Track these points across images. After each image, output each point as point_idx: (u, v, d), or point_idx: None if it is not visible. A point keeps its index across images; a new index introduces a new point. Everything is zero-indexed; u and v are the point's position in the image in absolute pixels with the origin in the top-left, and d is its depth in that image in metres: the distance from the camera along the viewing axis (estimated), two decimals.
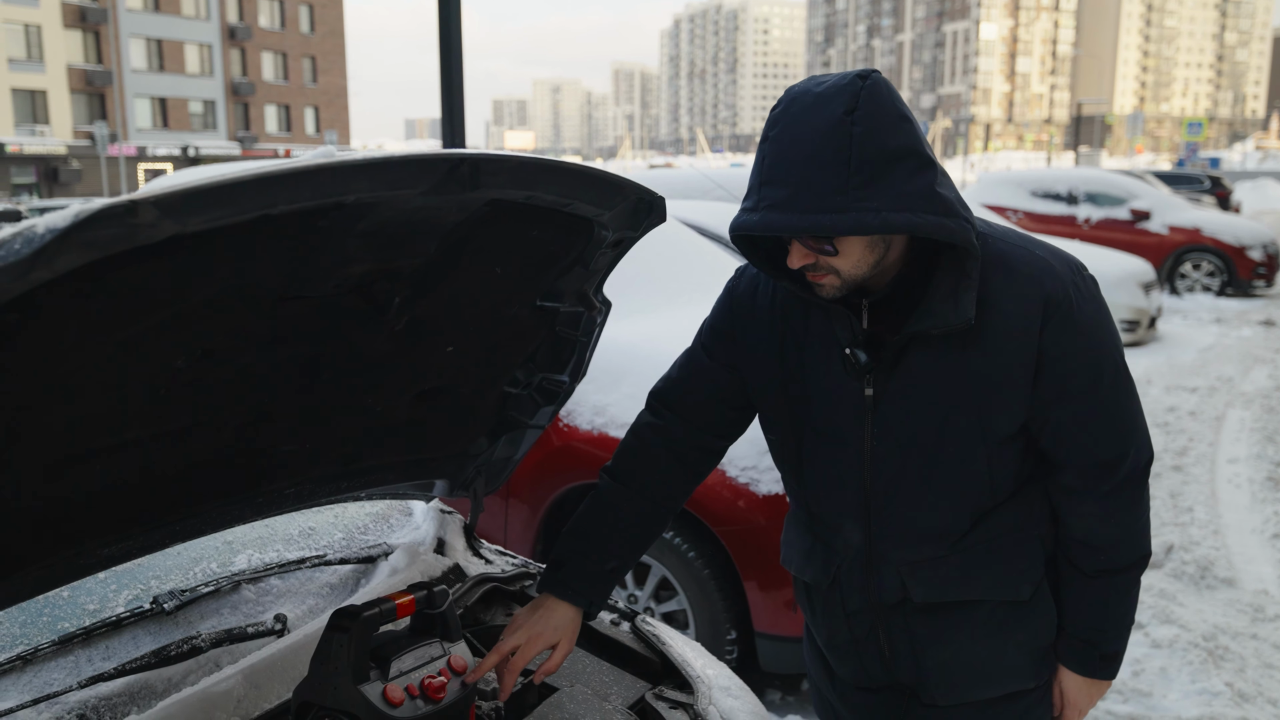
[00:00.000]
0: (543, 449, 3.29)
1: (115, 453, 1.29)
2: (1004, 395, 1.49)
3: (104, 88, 47.72)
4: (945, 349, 1.48)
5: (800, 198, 1.33)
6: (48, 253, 0.82)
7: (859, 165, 1.32)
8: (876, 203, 1.32)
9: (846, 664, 1.76)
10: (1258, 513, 5.25)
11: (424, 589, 1.51)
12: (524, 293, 1.64)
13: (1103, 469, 1.55)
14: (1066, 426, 1.52)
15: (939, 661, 1.65)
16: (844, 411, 1.56)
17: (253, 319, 1.24)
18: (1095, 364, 1.51)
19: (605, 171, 1.44)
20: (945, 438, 1.52)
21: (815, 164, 1.33)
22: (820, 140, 1.33)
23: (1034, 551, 1.62)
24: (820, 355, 1.57)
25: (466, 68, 6.13)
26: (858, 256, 1.43)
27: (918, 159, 1.36)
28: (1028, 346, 1.47)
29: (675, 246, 4.43)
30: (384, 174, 1.08)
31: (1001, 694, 1.67)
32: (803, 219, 1.34)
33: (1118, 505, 1.57)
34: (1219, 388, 8.03)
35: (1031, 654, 1.66)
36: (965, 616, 1.62)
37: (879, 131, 1.34)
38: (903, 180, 1.34)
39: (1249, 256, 13.05)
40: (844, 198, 1.32)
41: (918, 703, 1.72)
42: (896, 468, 1.55)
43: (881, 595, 1.63)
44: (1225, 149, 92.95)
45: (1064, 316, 1.47)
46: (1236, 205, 22.03)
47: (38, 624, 1.60)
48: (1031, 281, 1.47)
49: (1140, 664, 3.50)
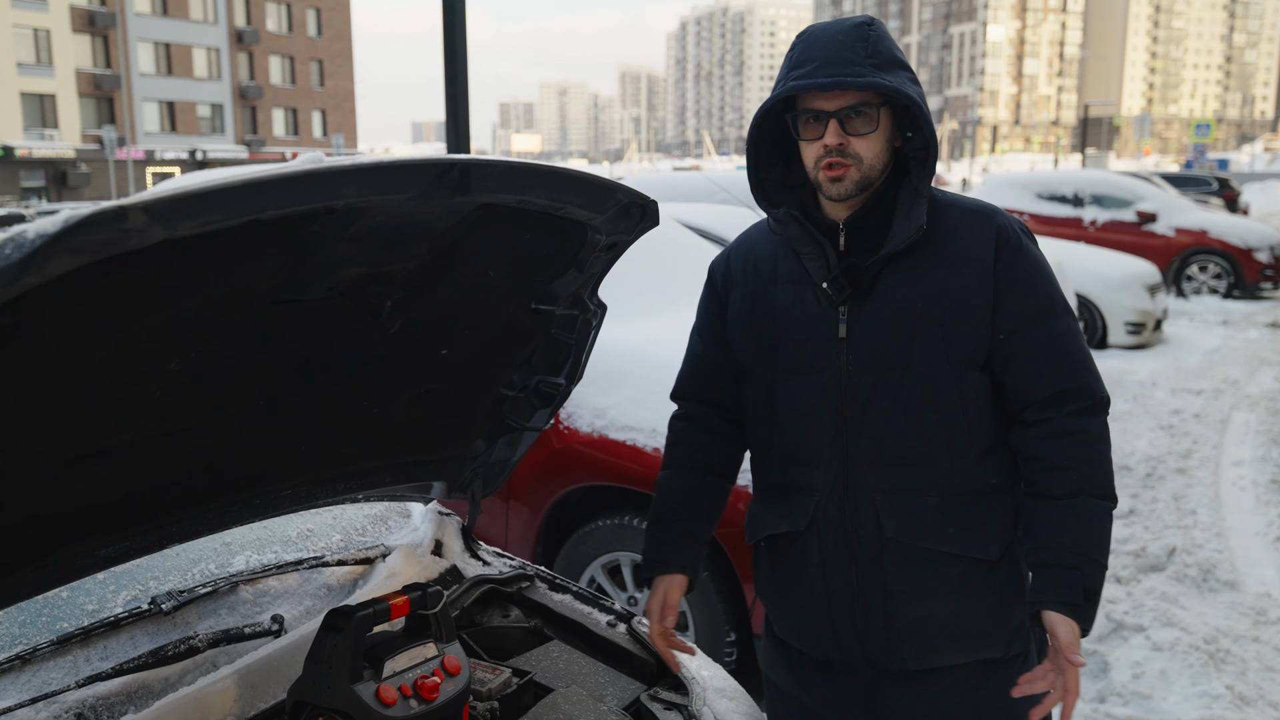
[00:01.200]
0: (543, 451, 3.30)
1: (111, 455, 1.30)
2: (964, 314, 1.64)
3: (112, 92, 47.91)
4: (911, 273, 1.66)
5: (827, 67, 1.60)
6: (38, 258, 0.83)
7: (873, 54, 1.61)
8: (891, 80, 1.59)
9: (813, 629, 1.78)
10: (1261, 515, 5.23)
11: (418, 590, 1.52)
12: (518, 296, 1.66)
13: (1062, 396, 1.66)
14: (1026, 355, 1.66)
15: (910, 620, 1.70)
16: (817, 343, 1.71)
17: (246, 322, 1.25)
18: (1047, 298, 1.67)
19: (596, 176, 1.45)
20: (913, 356, 1.66)
21: (840, 47, 1.61)
22: (843, 37, 1.62)
23: (1006, 516, 1.71)
24: (792, 296, 1.74)
25: (473, 70, 6.15)
26: (879, 146, 1.64)
27: (914, 78, 1.65)
28: (984, 271, 1.65)
29: (676, 249, 4.44)
30: (373, 179, 1.09)
31: (970, 660, 1.72)
32: (832, 79, 1.58)
33: (1081, 428, 1.66)
34: (1224, 390, 8.00)
35: (999, 620, 1.71)
36: (937, 571, 1.69)
37: (888, 44, 1.63)
38: (904, 81, 1.62)
39: (1256, 259, 13.00)
40: (863, 68, 1.59)
41: (883, 675, 1.74)
42: (869, 389, 1.68)
43: (859, 530, 1.70)
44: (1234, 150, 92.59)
45: (1015, 248, 1.67)
46: (1244, 207, 21.95)
47: (36, 624, 1.62)
48: (983, 215, 1.69)
49: (1141, 666, 3.50)
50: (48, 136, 45.23)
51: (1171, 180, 20.58)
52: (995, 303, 1.64)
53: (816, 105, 1.62)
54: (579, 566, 3.31)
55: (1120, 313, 9.62)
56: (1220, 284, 13.12)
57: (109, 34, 47.49)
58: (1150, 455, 6.17)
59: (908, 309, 1.65)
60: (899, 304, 1.66)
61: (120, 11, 47.35)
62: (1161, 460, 6.08)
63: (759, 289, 1.78)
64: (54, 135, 45.45)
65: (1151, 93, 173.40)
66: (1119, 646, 3.69)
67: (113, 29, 47.32)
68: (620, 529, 3.20)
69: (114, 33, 47.44)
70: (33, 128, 44.96)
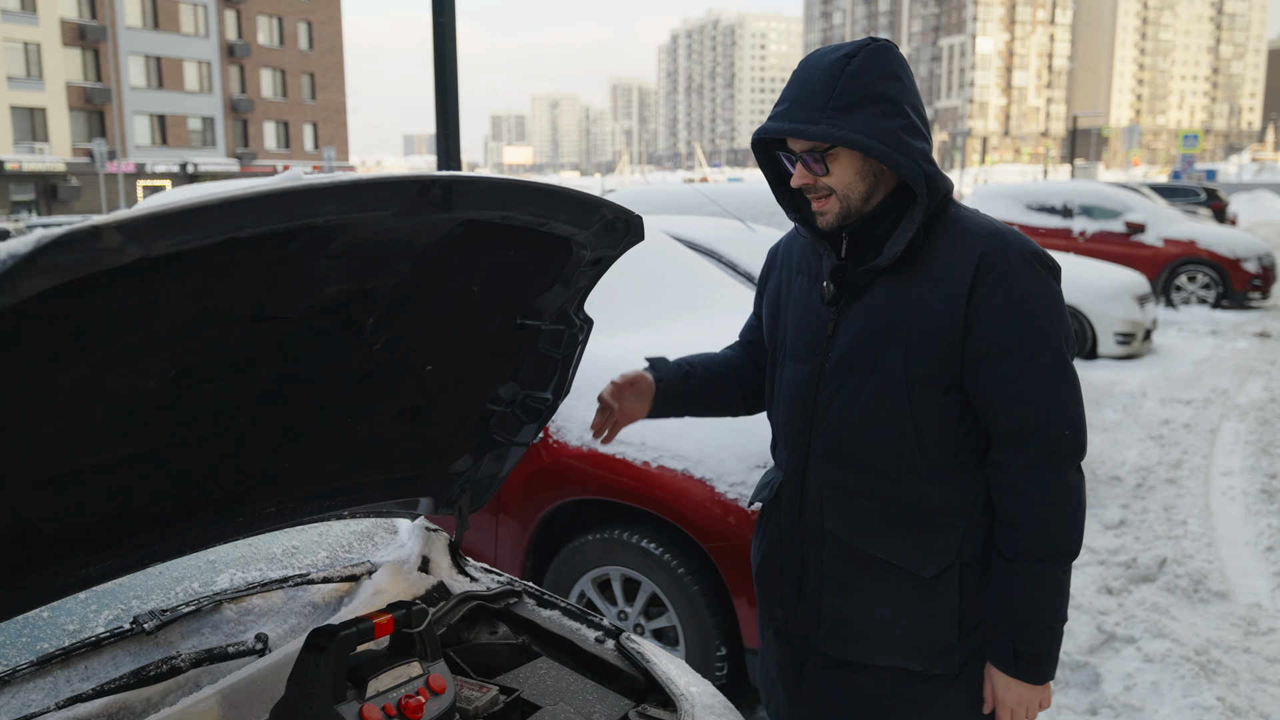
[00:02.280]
0: (532, 465, 3.28)
1: (92, 474, 1.29)
2: (927, 335, 1.67)
3: (103, 105, 47.86)
4: (896, 287, 1.71)
5: (791, 110, 1.66)
6: (10, 278, 0.83)
7: (840, 93, 1.63)
8: (846, 125, 1.61)
9: (769, 595, 1.94)
10: (1252, 525, 5.24)
11: (403, 608, 1.51)
12: (503, 311, 1.65)
13: (1019, 437, 1.66)
14: (991, 387, 1.66)
15: (836, 610, 1.80)
16: (811, 336, 1.81)
17: (226, 340, 1.24)
18: (1020, 334, 1.64)
19: (580, 191, 1.45)
20: (875, 366, 1.72)
21: (809, 88, 1.65)
22: (819, 73, 1.65)
23: (950, 538, 1.73)
24: (803, 288, 1.85)
25: (465, 83, 6.18)
26: (849, 179, 1.69)
27: (892, 108, 1.64)
28: (955, 296, 1.65)
29: (665, 262, 4.44)
30: (353, 196, 1.08)
31: (888, 664, 1.79)
32: (787, 125, 1.65)
33: (1031, 483, 1.65)
34: (1214, 400, 8.02)
35: (923, 635, 1.75)
36: (869, 574, 1.76)
37: (867, 76, 1.63)
38: (873, 116, 1.62)
39: (1244, 269, 13.07)
40: (821, 113, 1.63)
41: (814, 654, 1.86)
42: (835, 388, 1.76)
43: (806, 517, 1.81)
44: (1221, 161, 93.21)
45: (997, 278, 1.64)
46: (1232, 217, 22.08)
47: (16, 644, 1.60)
48: (973, 241, 1.68)
49: (1132, 678, 3.49)
50: (38, 150, 45.14)
51: (1160, 191, 20.71)
52: (966, 330, 1.65)
53: (789, 145, 1.72)
54: (569, 581, 3.29)
55: (1109, 323, 9.65)
56: (1209, 294, 13.18)
57: (99, 47, 47.47)
58: (1140, 465, 6.18)
59: (881, 320, 1.71)
60: (876, 314, 1.72)
61: (111, 25, 47.35)
62: (1152, 470, 6.09)
63: (786, 277, 1.92)
64: (44, 149, 45.36)
65: (1139, 104, 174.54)
66: (1110, 658, 3.68)
67: (103, 42, 47.30)
68: (610, 543, 3.19)
69: (105, 46, 47.42)
70: (23, 141, 44.88)
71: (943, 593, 1.74)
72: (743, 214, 6.33)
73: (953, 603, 1.74)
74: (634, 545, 3.12)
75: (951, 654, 1.77)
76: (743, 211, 6.43)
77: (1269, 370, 9.30)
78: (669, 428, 3.13)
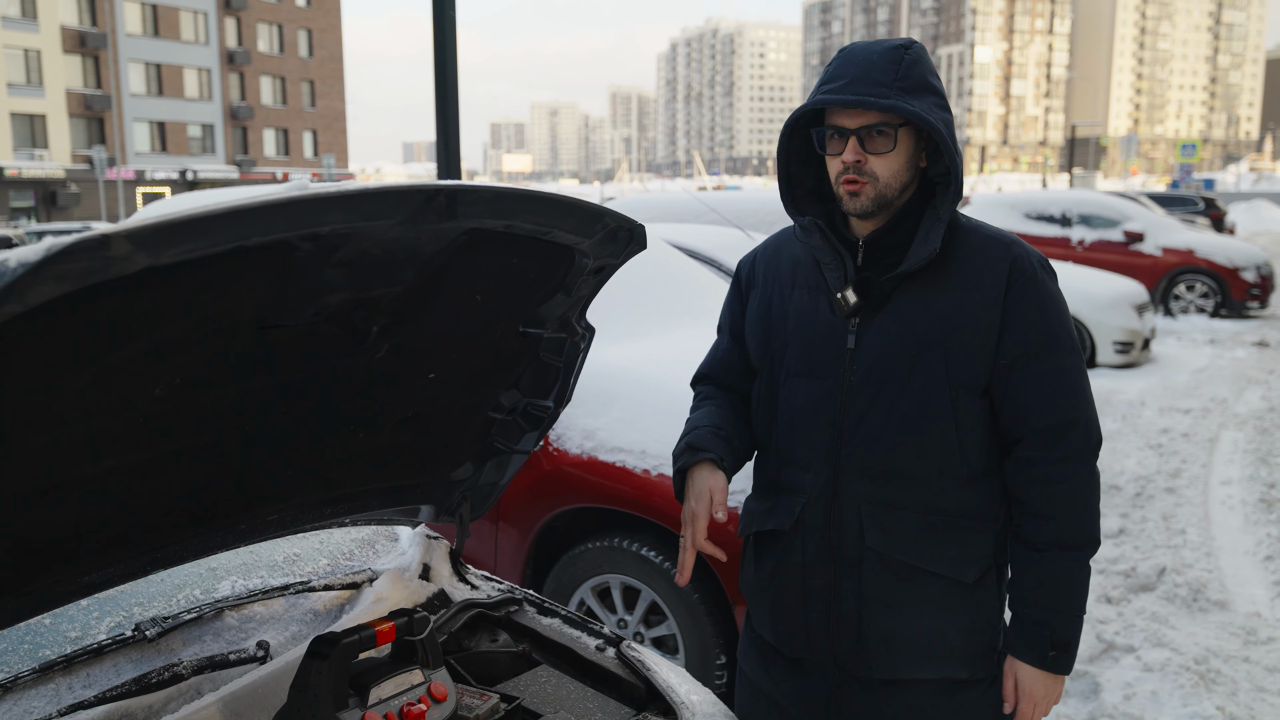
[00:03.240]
0: (532, 473, 3.29)
1: (96, 481, 1.29)
2: (968, 340, 1.67)
3: (103, 112, 47.92)
4: (924, 293, 1.69)
5: (855, 85, 1.63)
6: (19, 286, 0.83)
7: (904, 77, 1.63)
8: (916, 104, 1.62)
9: (788, 626, 1.83)
10: (1251, 535, 5.24)
11: (405, 616, 1.52)
12: (506, 320, 1.66)
13: (1053, 433, 1.69)
14: (1022, 387, 1.68)
15: (881, 629, 1.74)
16: (824, 350, 1.75)
17: (231, 348, 1.25)
18: (1053, 334, 1.69)
19: (583, 200, 1.45)
20: (913, 373, 1.69)
21: (871, 67, 1.64)
22: (877, 57, 1.65)
23: (988, 541, 1.74)
24: (806, 303, 1.79)
25: (464, 90, 6.18)
26: (898, 167, 1.68)
27: (944, 102, 1.68)
28: (993, 301, 1.67)
29: (665, 270, 4.44)
30: (359, 205, 1.09)
31: (935, 677, 1.76)
32: (856, 97, 1.62)
33: (1067, 474, 1.69)
34: (1213, 409, 8.03)
35: (970, 641, 1.75)
36: (912, 586, 1.73)
37: (922, 67, 1.66)
38: (932, 108, 1.65)
39: (1242, 278, 13.08)
40: (890, 91, 1.62)
41: (849, 679, 1.79)
42: (867, 401, 1.71)
43: (842, 536, 1.74)
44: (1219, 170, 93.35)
45: (1028, 282, 1.68)
46: (1231, 227, 22.11)
47: (18, 651, 1.60)
48: (1001, 245, 1.71)
49: (1131, 687, 3.49)
50: (37, 157, 45.18)
51: (1158, 200, 20.75)
52: (1000, 332, 1.68)
53: (840, 121, 1.68)
54: (568, 589, 3.29)
55: (1108, 332, 9.66)
56: (1207, 303, 13.20)
57: (100, 54, 47.56)
58: (1139, 474, 6.18)
59: (914, 328, 1.69)
60: (907, 322, 1.70)
61: (111, 32, 47.45)
62: (1150, 479, 6.09)
63: (776, 292, 1.85)
64: (44, 155, 45.41)
65: (1138, 113, 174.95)
66: (1110, 667, 3.68)
67: (104, 49, 47.39)
68: (610, 551, 3.19)
69: (105, 53, 47.51)
70: (22, 148, 44.93)
71: (984, 597, 1.75)
72: (741, 222, 6.35)
73: (993, 606, 1.76)
74: (634, 553, 3.12)
75: (991, 657, 1.78)
76: (741, 219, 6.44)
77: (1268, 379, 9.31)
78: (668, 436, 3.13)
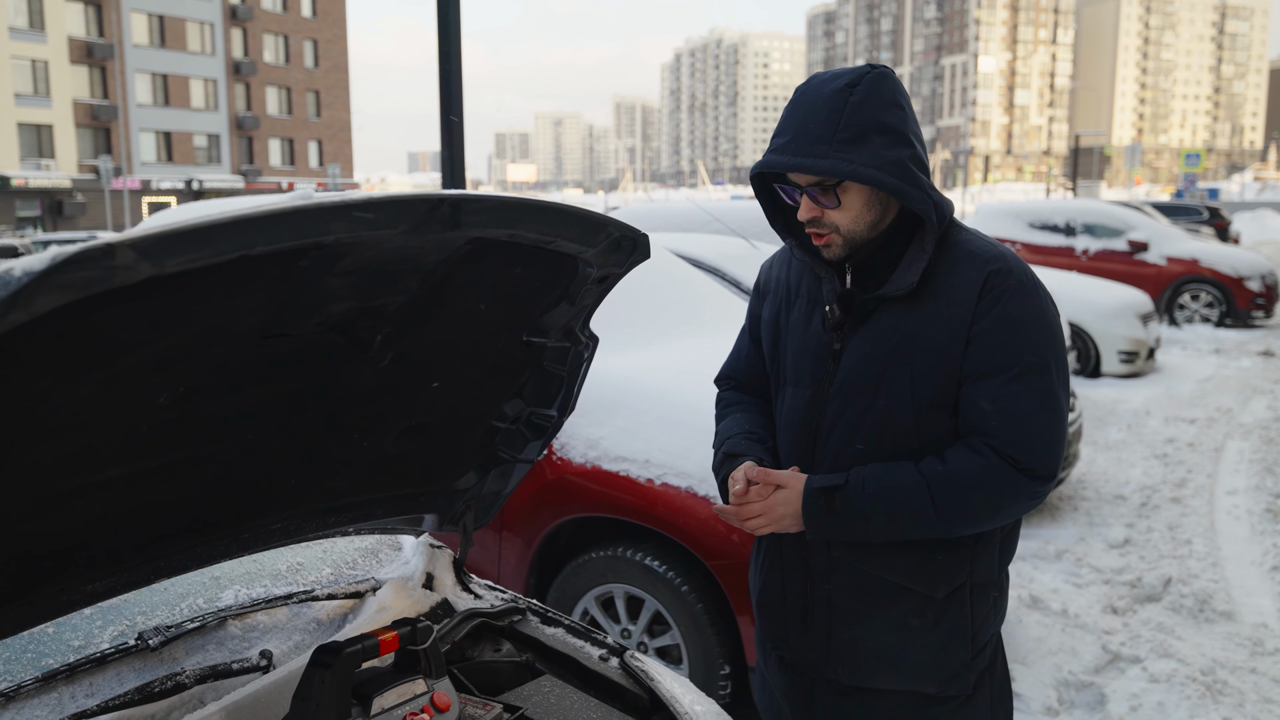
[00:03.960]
0: (536, 482, 3.28)
1: (99, 490, 1.29)
2: (934, 357, 1.67)
3: (109, 122, 48.12)
4: (902, 312, 1.70)
5: (795, 143, 1.63)
6: (24, 295, 0.83)
7: (846, 126, 1.60)
8: (855, 159, 1.59)
9: (773, 626, 1.89)
10: (1257, 545, 5.22)
11: (408, 625, 1.51)
12: (510, 329, 1.66)
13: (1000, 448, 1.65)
14: (972, 403, 1.66)
15: (847, 638, 1.77)
16: (811, 361, 1.79)
17: (235, 357, 1.25)
18: (1016, 353, 1.64)
19: (586, 210, 1.46)
20: (880, 388, 1.70)
21: (813, 120, 1.62)
22: (821, 104, 1.62)
23: (960, 557, 1.73)
24: (803, 313, 1.82)
25: (470, 101, 6.20)
26: (855, 213, 1.67)
27: (898, 138, 1.62)
28: (963, 316, 1.65)
29: (669, 279, 4.45)
30: (363, 215, 1.09)
31: (902, 689, 1.77)
32: (793, 159, 1.62)
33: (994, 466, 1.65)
34: (1218, 419, 8.01)
35: (940, 657, 1.75)
36: (880, 598, 1.74)
37: (870, 107, 1.61)
38: (881, 148, 1.60)
39: (1247, 287, 13.07)
40: (828, 147, 1.60)
41: (823, 682, 1.83)
42: (837, 411, 1.75)
43: (812, 545, 1.78)
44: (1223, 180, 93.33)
45: (998, 296, 1.65)
46: (1235, 236, 22.10)
47: (21, 660, 1.60)
48: (980, 262, 1.68)
49: (1138, 699, 3.48)
50: (44, 166, 45.35)
51: (1162, 209, 20.72)
52: (965, 350, 1.66)
53: (792, 178, 1.69)
54: (572, 599, 3.29)
55: (1113, 341, 9.64)
56: (1212, 312, 13.17)
57: (107, 65, 47.78)
58: (1145, 484, 6.17)
59: (885, 345, 1.70)
60: (881, 338, 1.71)
61: (118, 43, 47.67)
62: (1156, 489, 6.07)
63: (783, 301, 1.89)
64: (50, 165, 45.57)
65: (1141, 123, 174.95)
66: (1116, 678, 3.66)
67: (110, 60, 47.61)
68: (614, 561, 3.18)
69: (112, 64, 47.73)
70: (29, 158, 45.10)
71: (955, 613, 1.74)
72: (745, 231, 6.35)
73: (965, 623, 1.75)
74: (637, 563, 3.12)
75: (965, 675, 1.77)
76: (745, 229, 6.45)
77: (1273, 389, 9.28)
78: (673, 446, 3.13)
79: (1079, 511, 5.69)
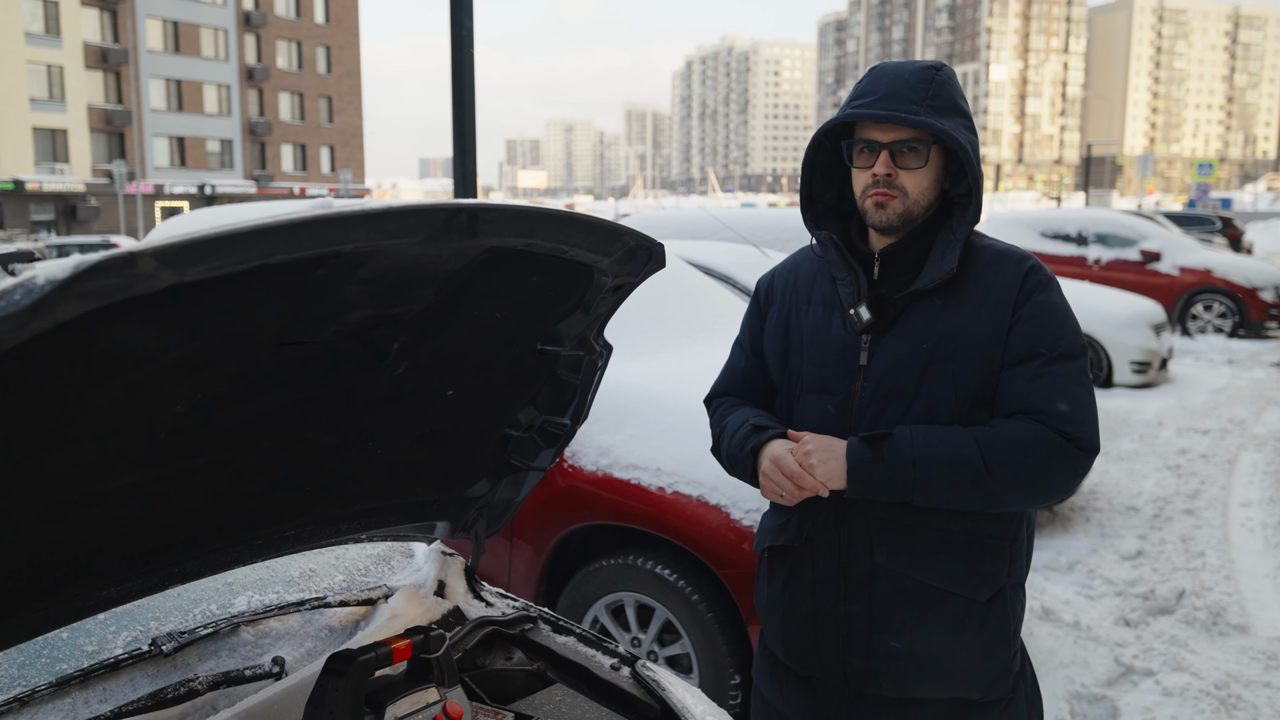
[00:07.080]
0: (547, 490, 3.28)
1: (115, 496, 1.30)
2: (976, 354, 1.68)
3: (123, 127, 48.44)
4: (937, 309, 1.71)
5: (887, 101, 1.67)
6: (47, 303, 0.84)
7: (934, 96, 1.68)
8: (944, 124, 1.66)
9: (799, 643, 1.83)
10: (1271, 558, 5.19)
11: (421, 633, 1.51)
12: (524, 337, 1.66)
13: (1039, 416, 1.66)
14: (1012, 381, 1.67)
15: (892, 647, 1.74)
16: (836, 365, 1.77)
17: (252, 364, 1.25)
18: (1055, 337, 1.68)
19: (602, 219, 1.46)
20: (921, 388, 1.70)
21: (903, 85, 1.68)
22: (909, 76, 1.69)
23: (1001, 559, 1.73)
24: (821, 318, 1.81)
25: (481, 107, 6.22)
26: (927, 184, 1.72)
27: (970, 125, 1.72)
28: (1002, 313, 1.68)
29: (681, 287, 4.45)
30: (382, 224, 1.10)
31: (947, 697, 1.75)
32: (888, 112, 1.66)
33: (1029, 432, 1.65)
34: (1231, 430, 7.96)
35: (984, 661, 1.73)
36: (924, 605, 1.71)
37: (952, 89, 1.71)
38: (961, 129, 1.69)
39: (1261, 298, 13.00)
40: (921, 109, 1.66)
41: (860, 697, 1.78)
42: (875, 415, 1.72)
43: (851, 553, 1.74)
44: (1236, 190, 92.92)
45: (1039, 286, 1.71)
46: (1248, 246, 21.99)
47: (35, 665, 1.60)
48: (1015, 260, 1.74)
49: (1151, 712, 3.45)
50: (58, 171, 45.64)
51: (1175, 219, 20.65)
52: (1010, 332, 1.69)
53: (871, 135, 1.71)
54: (582, 607, 3.28)
55: (1126, 351, 9.60)
56: (1225, 323, 13.11)
57: (121, 70, 48.11)
58: (1158, 496, 6.13)
59: (923, 343, 1.70)
60: (917, 338, 1.71)
61: (133, 48, 48.01)
62: (1169, 501, 6.04)
63: (794, 309, 1.87)
64: (64, 169, 45.87)
65: (1154, 132, 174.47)
66: (1129, 691, 3.64)
67: (125, 65, 47.94)
68: (624, 569, 3.18)
69: (126, 69, 48.06)
70: (44, 162, 45.41)
71: (998, 616, 1.73)
72: (756, 239, 6.35)
73: (1006, 625, 1.74)
74: (648, 571, 3.11)
75: (1006, 679, 1.76)
76: (756, 236, 6.44)
77: None
78: (684, 454, 3.13)
79: (1091, 523, 5.67)
